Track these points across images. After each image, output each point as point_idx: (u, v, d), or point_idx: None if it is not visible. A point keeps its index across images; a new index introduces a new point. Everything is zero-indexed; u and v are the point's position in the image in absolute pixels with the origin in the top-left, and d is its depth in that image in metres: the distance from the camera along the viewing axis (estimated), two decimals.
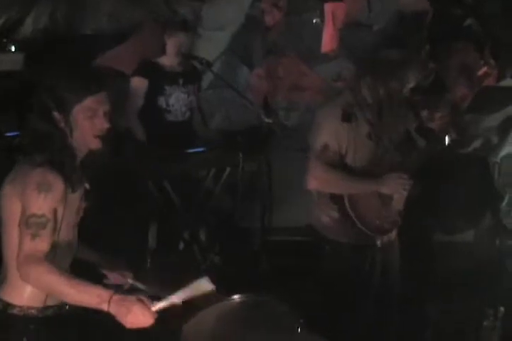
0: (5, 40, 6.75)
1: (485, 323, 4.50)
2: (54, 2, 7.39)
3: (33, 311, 2.90)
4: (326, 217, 4.19)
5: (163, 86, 6.06)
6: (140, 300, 2.64)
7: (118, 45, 7.29)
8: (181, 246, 6.13)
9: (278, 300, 3.04)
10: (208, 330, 2.87)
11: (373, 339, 4.33)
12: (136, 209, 5.92)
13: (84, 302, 2.70)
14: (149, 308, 2.63)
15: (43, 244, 2.75)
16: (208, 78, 6.97)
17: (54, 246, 2.84)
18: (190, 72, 6.23)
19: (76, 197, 2.96)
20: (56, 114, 2.87)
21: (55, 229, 2.83)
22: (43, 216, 2.77)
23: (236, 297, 3.04)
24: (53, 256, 2.83)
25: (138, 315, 2.61)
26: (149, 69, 6.08)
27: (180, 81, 6.12)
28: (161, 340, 3.46)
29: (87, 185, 3.04)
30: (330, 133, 3.99)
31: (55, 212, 2.82)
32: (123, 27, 7.47)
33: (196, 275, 3.02)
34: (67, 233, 2.94)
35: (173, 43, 6.04)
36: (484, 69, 6.54)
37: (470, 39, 6.78)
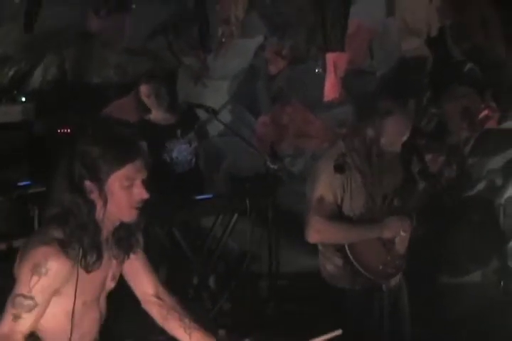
0: (15, 92, 6.87)
1: None
2: (62, 54, 7.51)
3: None
4: (331, 264, 4.21)
5: (163, 143, 6.08)
6: None
7: (126, 95, 7.40)
8: (190, 293, 6.14)
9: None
10: None
11: None
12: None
13: None
14: None
15: (22, 328, 2.62)
16: (216, 127, 7.05)
17: (75, 325, 2.74)
18: (185, 120, 6.26)
19: (97, 274, 2.77)
20: (88, 184, 2.65)
21: (42, 313, 2.67)
22: (31, 298, 2.60)
23: (247, 339, 3.08)
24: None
25: None
26: (144, 128, 6.07)
27: (178, 132, 6.14)
28: None
29: (115, 262, 2.89)
30: (325, 185, 4.02)
31: (51, 294, 2.66)
32: (131, 77, 7.59)
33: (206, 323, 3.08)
34: (85, 310, 2.81)
35: (145, 98, 6.10)
36: (485, 112, 6.59)
37: (471, 83, 6.85)
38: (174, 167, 6.12)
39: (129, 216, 2.75)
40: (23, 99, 6.80)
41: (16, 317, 2.60)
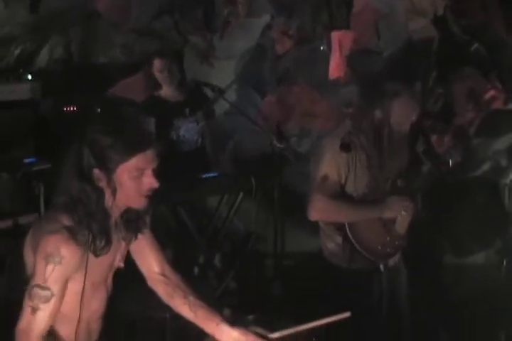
0: (21, 70, 6.88)
1: None
2: (68, 34, 7.52)
3: None
4: (331, 242, 4.26)
5: (171, 120, 6.12)
6: None
7: (132, 75, 7.42)
8: (196, 271, 6.17)
9: (293, 317, 3.09)
10: None
11: None
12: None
13: None
14: None
15: (41, 322, 2.63)
16: (222, 106, 7.06)
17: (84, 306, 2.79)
18: (194, 98, 6.29)
19: (106, 257, 2.80)
20: (97, 172, 2.65)
21: (59, 305, 2.68)
22: (47, 288, 2.61)
23: (251, 316, 3.12)
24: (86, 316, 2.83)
25: None
26: (154, 105, 6.14)
27: (187, 111, 6.18)
28: None
29: (123, 243, 2.92)
30: (329, 164, 4.05)
31: (65, 282, 2.68)
32: (137, 57, 7.61)
33: (212, 302, 3.11)
34: (93, 290, 2.84)
35: (157, 72, 6.13)
36: (491, 92, 6.56)
37: (477, 63, 6.83)
38: (180, 145, 6.14)
39: (138, 204, 2.76)
40: (30, 78, 6.80)
41: (34, 310, 2.61)
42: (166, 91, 6.18)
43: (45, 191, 5.31)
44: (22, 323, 2.63)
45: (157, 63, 6.12)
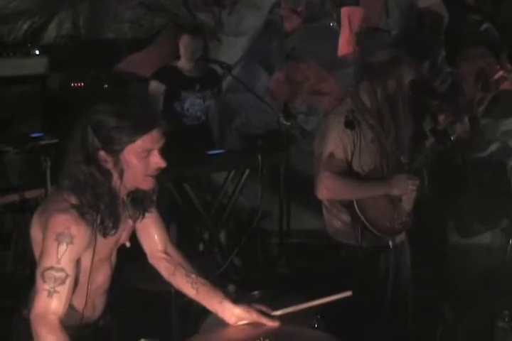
0: (29, 45, 6.86)
1: (500, 324, 4.55)
2: (76, 8, 7.50)
3: (70, 331, 2.65)
4: (338, 221, 4.24)
5: (179, 91, 6.14)
6: None
7: (140, 50, 7.41)
8: (201, 247, 6.19)
9: (297, 295, 3.10)
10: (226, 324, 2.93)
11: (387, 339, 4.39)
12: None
13: None
14: None
15: (59, 304, 2.57)
16: (226, 82, 7.06)
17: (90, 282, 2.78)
18: (208, 77, 6.31)
19: (111, 238, 2.79)
20: (103, 154, 2.62)
21: (76, 283, 2.69)
22: (61, 270, 2.57)
23: (256, 293, 3.13)
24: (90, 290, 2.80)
25: None
26: (167, 73, 6.18)
27: (197, 86, 6.20)
28: None
29: (130, 222, 2.91)
30: (335, 141, 4.01)
31: (77, 262, 2.66)
32: (145, 32, 7.59)
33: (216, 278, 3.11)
34: (99, 266, 2.84)
35: (182, 47, 6.15)
36: (500, 73, 6.55)
37: (486, 43, 6.80)
38: (182, 118, 6.15)
39: (146, 184, 2.74)
40: (37, 53, 6.78)
41: (51, 293, 2.57)
42: (183, 65, 6.21)
43: (52, 166, 5.33)
44: (38, 307, 2.57)
45: (186, 38, 6.14)
